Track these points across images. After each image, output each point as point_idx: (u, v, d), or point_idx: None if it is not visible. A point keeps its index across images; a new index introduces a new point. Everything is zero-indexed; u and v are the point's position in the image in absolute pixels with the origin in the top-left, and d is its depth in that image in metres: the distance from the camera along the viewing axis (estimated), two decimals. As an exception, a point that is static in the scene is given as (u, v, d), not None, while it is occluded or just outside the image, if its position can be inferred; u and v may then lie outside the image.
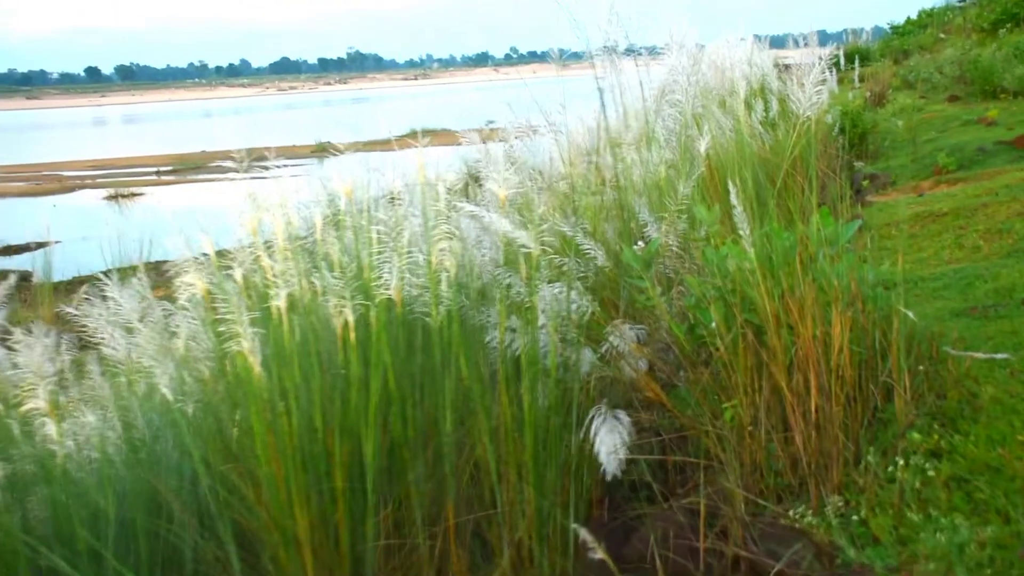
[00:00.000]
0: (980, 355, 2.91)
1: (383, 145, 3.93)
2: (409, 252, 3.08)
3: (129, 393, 3.55)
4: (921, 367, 2.61)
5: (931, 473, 2.19)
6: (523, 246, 2.92)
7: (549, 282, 3.17)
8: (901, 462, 2.17)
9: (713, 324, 2.73)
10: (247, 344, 2.70)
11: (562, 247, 3.56)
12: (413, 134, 3.53)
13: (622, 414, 2.71)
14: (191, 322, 3.18)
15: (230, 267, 2.92)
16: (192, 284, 2.76)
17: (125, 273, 3.78)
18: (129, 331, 3.57)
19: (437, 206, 3.11)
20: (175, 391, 3.16)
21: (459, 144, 5.53)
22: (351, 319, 2.83)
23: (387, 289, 2.85)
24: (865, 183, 7.67)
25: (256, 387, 2.72)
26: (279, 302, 2.76)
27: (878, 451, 2.39)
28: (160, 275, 3.66)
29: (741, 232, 2.62)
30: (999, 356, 2.93)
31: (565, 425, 2.92)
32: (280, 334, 2.80)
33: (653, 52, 5.12)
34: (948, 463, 2.29)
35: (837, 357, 2.45)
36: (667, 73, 4.91)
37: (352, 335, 2.84)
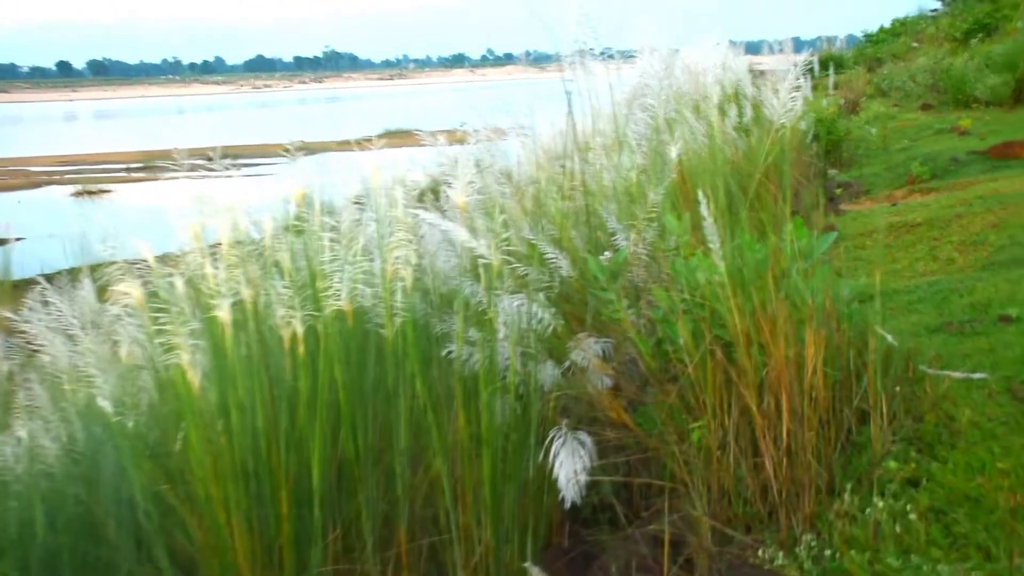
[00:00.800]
0: (957, 374, 2.80)
1: (354, 145, 3.78)
2: (365, 259, 2.93)
3: (69, 403, 3.38)
4: (897, 388, 2.49)
5: (908, 506, 2.06)
6: (481, 257, 2.77)
7: (512, 292, 3.03)
8: (879, 502, 2.03)
9: (681, 340, 2.60)
10: (186, 356, 2.53)
11: (528, 254, 3.41)
12: (385, 134, 3.39)
13: (584, 435, 2.57)
14: (134, 329, 3.01)
15: (173, 273, 2.74)
16: (127, 292, 2.57)
17: (82, 272, 3.61)
18: (71, 338, 3.40)
19: (394, 211, 2.96)
20: (116, 403, 2.98)
21: (430, 145, 5.39)
22: (300, 330, 2.66)
23: (338, 299, 2.69)
24: (838, 191, 7.60)
25: (195, 402, 2.55)
26: (221, 312, 2.59)
27: (851, 478, 2.26)
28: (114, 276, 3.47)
29: (711, 245, 2.49)
30: (976, 376, 2.82)
31: (524, 445, 2.77)
32: (222, 346, 2.63)
33: (626, 55, 4.99)
34: (925, 493, 2.17)
35: (810, 379, 2.31)
36: (639, 77, 4.78)
37: (301, 347, 2.68)
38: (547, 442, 2.60)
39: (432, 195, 5.27)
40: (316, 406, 2.66)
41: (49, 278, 3.85)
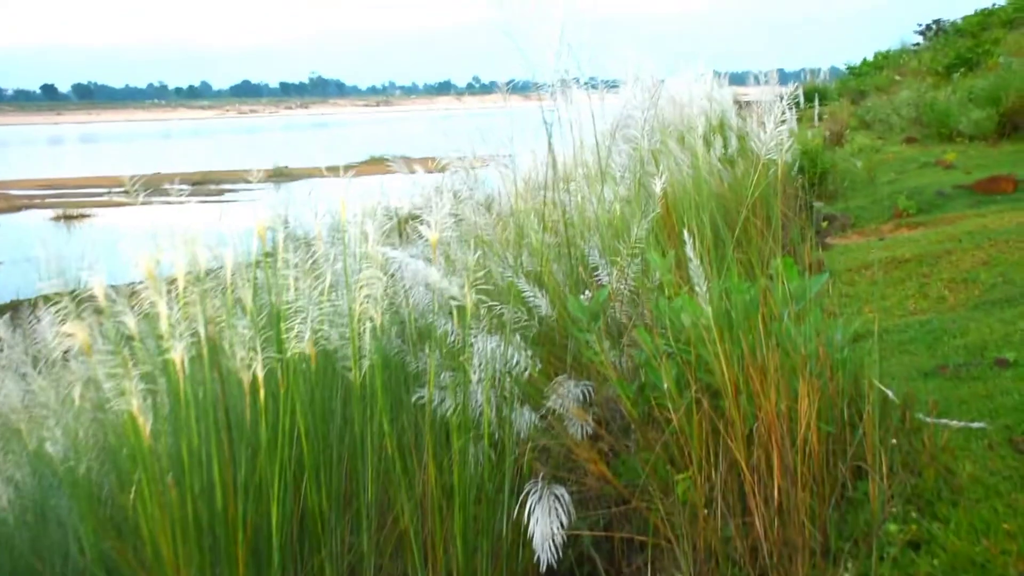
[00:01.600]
0: (955, 423, 2.66)
1: (336, 172, 3.64)
2: (333, 297, 2.77)
3: (20, 446, 3.21)
4: (894, 440, 2.34)
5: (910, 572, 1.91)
6: (453, 298, 2.62)
7: (489, 331, 2.87)
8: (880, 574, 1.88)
9: (665, 386, 2.44)
10: (135, 401, 2.36)
11: (507, 290, 3.26)
12: (370, 161, 3.25)
13: (561, 489, 2.40)
14: (87, 368, 2.84)
15: (125, 310, 2.57)
16: (71, 333, 2.40)
17: (50, 300, 3.45)
18: (24, 376, 3.25)
19: (365, 247, 2.81)
20: (67, 447, 2.81)
21: (410, 173, 5.26)
22: (260, 373, 2.49)
23: (302, 340, 2.52)
24: (824, 224, 7.50)
25: (145, 450, 2.37)
26: (175, 353, 2.42)
27: (848, 539, 2.11)
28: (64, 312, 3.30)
29: (697, 288, 2.34)
30: (975, 425, 2.68)
31: (499, 497, 2.61)
32: (177, 389, 2.46)
33: (610, 85, 4.88)
34: (928, 557, 2.01)
35: (804, 433, 2.16)
36: (623, 107, 4.66)
37: (261, 391, 2.51)
38: (523, 495, 2.43)
39: (413, 222, 5.13)
40: (277, 454, 2.49)
41: (16, 306, 3.67)
